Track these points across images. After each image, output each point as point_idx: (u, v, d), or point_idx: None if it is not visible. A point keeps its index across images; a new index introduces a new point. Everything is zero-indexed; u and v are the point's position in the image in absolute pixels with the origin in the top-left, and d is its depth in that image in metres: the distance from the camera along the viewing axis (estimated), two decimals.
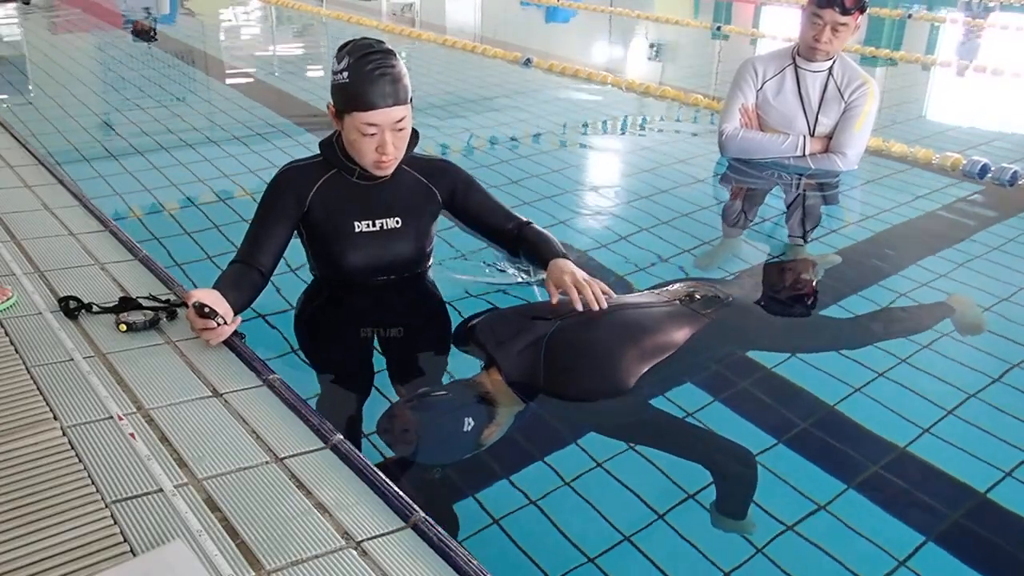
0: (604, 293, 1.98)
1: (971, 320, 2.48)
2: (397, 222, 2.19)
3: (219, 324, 1.83)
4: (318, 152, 2.18)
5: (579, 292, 1.96)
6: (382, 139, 2.02)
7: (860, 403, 2.02)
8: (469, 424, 1.72)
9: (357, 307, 2.28)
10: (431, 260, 2.37)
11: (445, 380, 2.05)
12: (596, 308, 1.94)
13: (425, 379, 2.09)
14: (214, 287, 1.97)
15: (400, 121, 2.02)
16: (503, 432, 1.78)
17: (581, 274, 2.02)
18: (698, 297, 2.19)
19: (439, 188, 2.24)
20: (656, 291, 2.27)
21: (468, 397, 1.80)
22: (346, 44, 2.03)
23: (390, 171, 2.12)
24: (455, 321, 2.25)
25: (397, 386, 2.01)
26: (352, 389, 2.07)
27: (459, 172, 2.29)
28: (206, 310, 1.81)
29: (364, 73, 1.96)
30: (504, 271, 2.54)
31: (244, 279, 2.04)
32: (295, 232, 2.19)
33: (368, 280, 2.23)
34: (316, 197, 2.14)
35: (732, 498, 1.71)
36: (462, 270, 2.55)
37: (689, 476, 1.72)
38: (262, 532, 1.33)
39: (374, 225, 2.18)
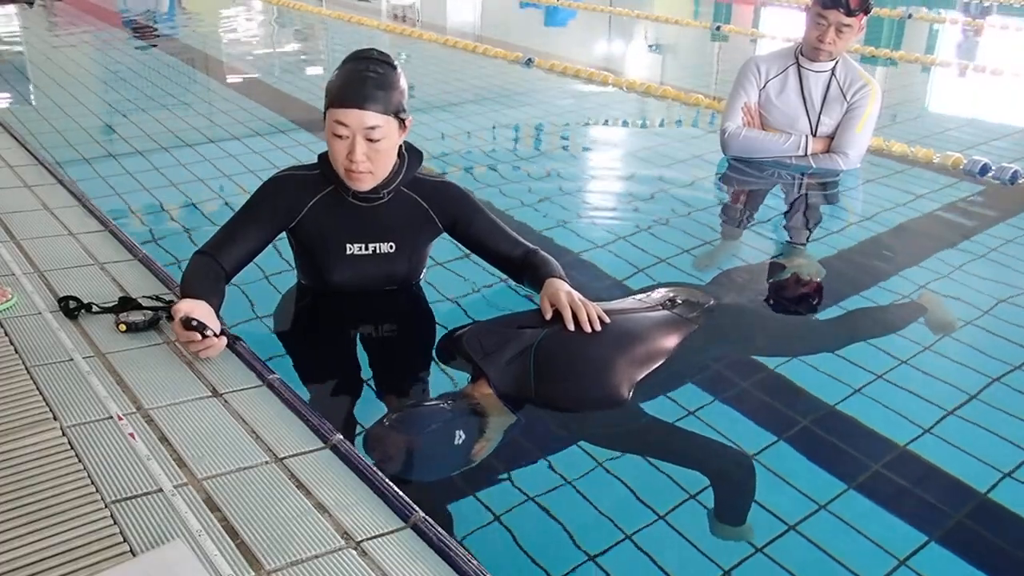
0: (599, 317, 1.94)
1: (941, 318, 2.49)
2: (391, 247, 2.14)
3: (206, 336, 1.78)
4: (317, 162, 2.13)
5: (573, 312, 1.93)
6: (352, 144, 1.95)
7: (861, 403, 2.02)
8: (460, 438, 1.68)
9: (341, 313, 2.25)
10: (423, 272, 2.33)
11: (432, 393, 2.02)
12: (588, 330, 1.91)
13: (412, 388, 2.06)
14: (186, 280, 1.95)
15: (373, 130, 1.94)
16: (493, 448, 1.75)
17: (577, 295, 1.98)
18: (680, 301, 2.18)
19: (440, 215, 2.17)
20: (638, 298, 2.26)
21: (457, 410, 1.76)
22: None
23: (363, 186, 2.04)
24: (441, 329, 2.22)
25: (385, 395, 1.99)
26: (339, 391, 2.04)
27: (464, 198, 2.21)
28: (193, 323, 1.77)
29: (349, 72, 1.94)
30: None
31: (218, 281, 1.98)
32: (277, 238, 2.14)
33: (354, 292, 2.20)
34: (310, 213, 2.09)
35: (730, 505, 1.70)
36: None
37: (689, 476, 1.72)
38: (262, 532, 1.33)
39: (366, 248, 2.13)
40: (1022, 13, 10.65)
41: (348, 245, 2.12)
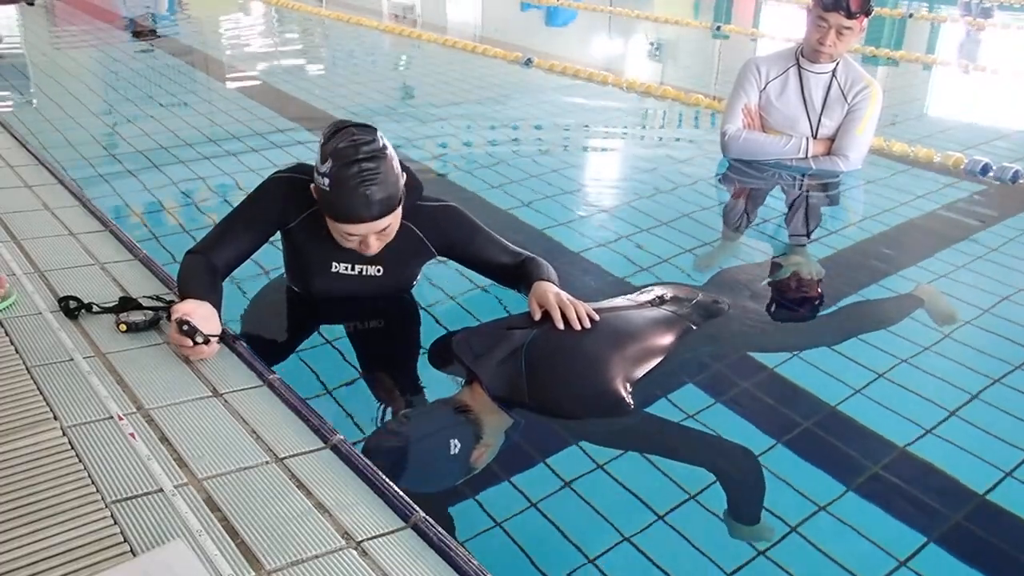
0: (588, 315, 1.94)
1: (942, 310, 2.50)
2: (378, 270, 2.12)
3: (197, 343, 1.77)
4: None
5: (562, 311, 1.93)
6: (365, 241, 1.95)
7: (861, 403, 2.02)
8: (456, 447, 1.66)
9: (322, 316, 2.24)
10: (415, 283, 2.31)
11: (423, 399, 2.00)
12: (578, 327, 1.91)
13: (402, 394, 2.05)
14: (183, 280, 1.94)
15: (384, 230, 1.95)
16: (495, 453, 1.74)
17: (565, 295, 1.98)
18: (669, 298, 2.18)
19: (435, 242, 2.14)
20: (628, 296, 2.26)
21: (451, 417, 1.74)
22: (334, 134, 1.90)
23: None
24: (438, 329, 2.21)
25: (376, 400, 1.98)
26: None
27: (461, 222, 2.17)
28: (184, 328, 1.77)
29: (347, 186, 1.85)
30: None
31: (215, 280, 1.97)
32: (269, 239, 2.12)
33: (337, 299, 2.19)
34: (302, 223, 2.07)
35: (741, 502, 1.70)
36: None
37: (689, 477, 1.72)
38: (262, 532, 1.33)
39: (353, 269, 2.12)
40: (1022, 13, 10.64)
41: (334, 263, 2.11)
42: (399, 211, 1.97)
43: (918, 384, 2.11)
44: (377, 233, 1.95)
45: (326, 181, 1.88)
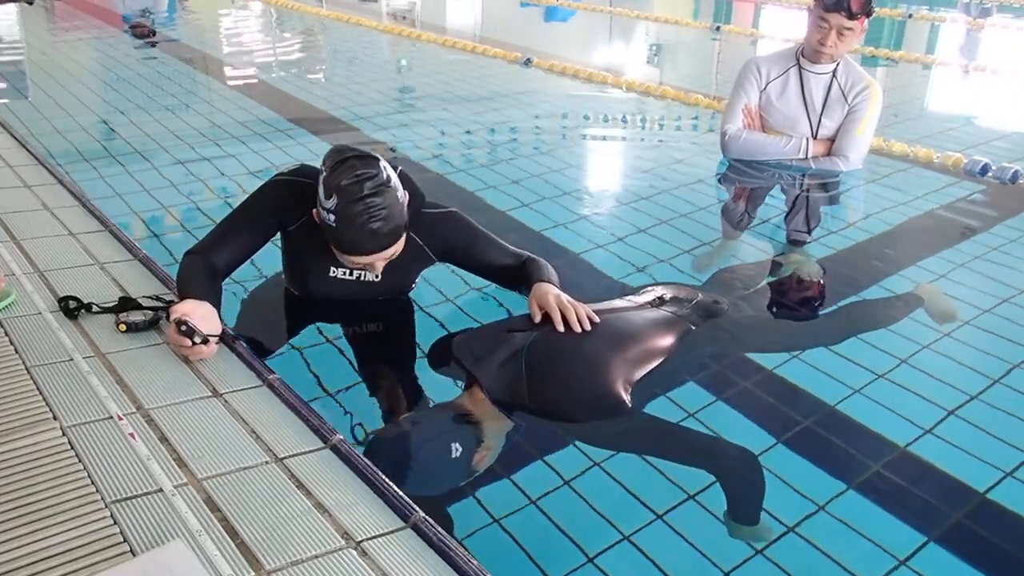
0: (588, 317, 1.93)
1: (942, 309, 2.50)
2: (377, 276, 2.11)
3: (195, 343, 1.78)
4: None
5: (562, 313, 1.92)
6: (371, 265, 1.98)
7: (861, 403, 2.02)
8: (457, 450, 1.66)
9: (321, 314, 2.24)
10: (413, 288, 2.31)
11: (421, 402, 2.00)
12: (578, 330, 1.90)
13: (402, 396, 2.05)
14: (182, 280, 1.94)
15: (391, 258, 1.98)
16: (496, 455, 1.73)
17: (566, 297, 1.98)
18: (669, 299, 2.18)
19: (435, 248, 2.14)
20: (628, 297, 2.26)
21: (451, 421, 1.74)
22: (336, 167, 1.88)
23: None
24: (439, 330, 2.21)
25: (380, 401, 1.99)
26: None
27: (459, 230, 2.16)
28: (183, 328, 1.77)
29: (354, 224, 1.86)
30: None
31: (215, 280, 1.97)
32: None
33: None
34: (300, 227, 2.06)
35: (740, 502, 1.70)
36: None
37: (688, 476, 1.72)
38: (262, 532, 1.33)
39: (351, 275, 2.12)
40: (1022, 13, 10.64)
41: (332, 268, 2.11)
42: (403, 240, 1.98)
43: (918, 384, 2.11)
44: (382, 259, 1.97)
45: (332, 217, 1.88)
